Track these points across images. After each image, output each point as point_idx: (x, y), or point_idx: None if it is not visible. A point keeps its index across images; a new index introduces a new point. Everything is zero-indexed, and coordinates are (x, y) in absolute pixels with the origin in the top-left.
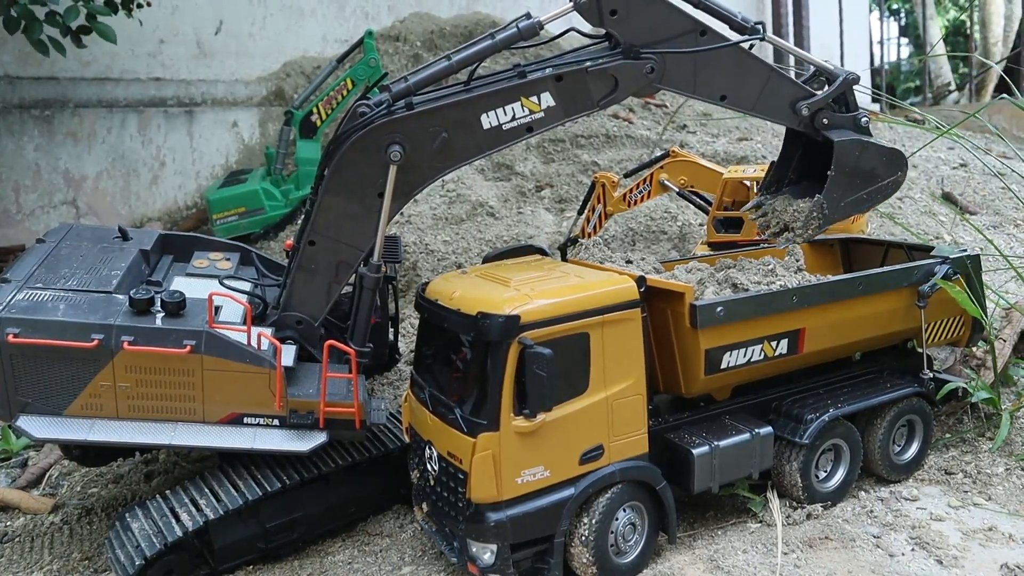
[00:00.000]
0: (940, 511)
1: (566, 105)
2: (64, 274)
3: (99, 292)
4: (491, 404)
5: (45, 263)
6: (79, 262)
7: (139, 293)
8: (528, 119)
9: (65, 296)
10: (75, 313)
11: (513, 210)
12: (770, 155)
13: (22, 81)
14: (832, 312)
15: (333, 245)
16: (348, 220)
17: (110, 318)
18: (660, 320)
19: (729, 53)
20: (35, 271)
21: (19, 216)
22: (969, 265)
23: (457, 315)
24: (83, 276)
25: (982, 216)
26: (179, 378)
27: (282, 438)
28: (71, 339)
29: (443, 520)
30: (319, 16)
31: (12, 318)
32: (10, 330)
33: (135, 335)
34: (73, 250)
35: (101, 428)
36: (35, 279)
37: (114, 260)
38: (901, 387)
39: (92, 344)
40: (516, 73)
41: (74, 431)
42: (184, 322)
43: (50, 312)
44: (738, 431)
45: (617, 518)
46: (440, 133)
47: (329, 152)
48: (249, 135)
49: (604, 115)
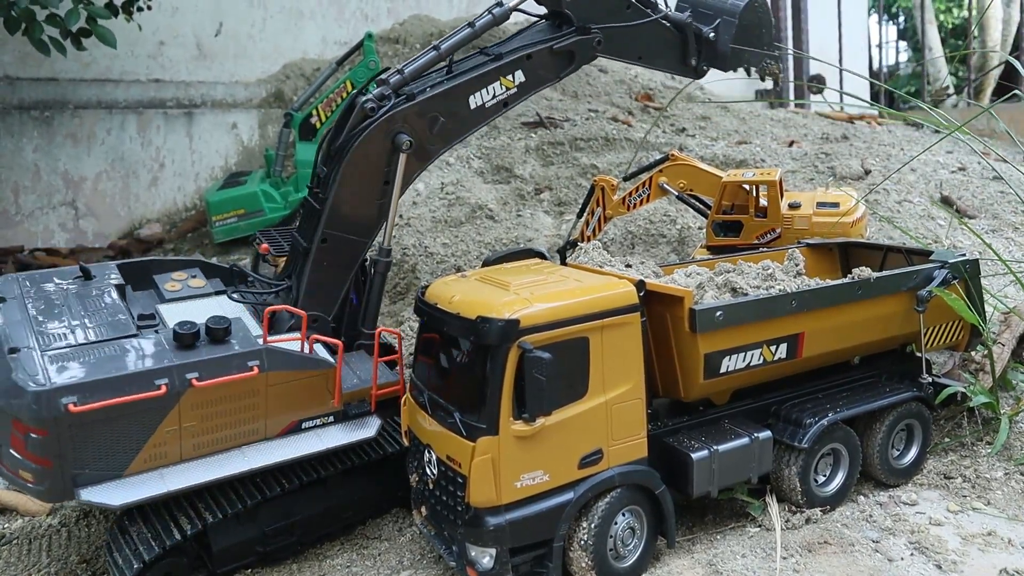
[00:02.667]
0: (939, 516)
1: (534, 80)
2: (65, 329)
3: (126, 337)
4: (490, 408)
5: (32, 322)
6: (67, 313)
7: (183, 327)
8: (505, 95)
9: (96, 350)
10: (127, 364)
11: (512, 213)
12: (769, 159)
13: (22, 82)
14: (831, 316)
15: (346, 239)
16: (359, 212)
17: (165, 359)
18: (659, 324)
19: (649, 24)
20: (31, 332)
21: (18, 217)
22: (967, 269)
23: (456, 319)
24: (89, 326)
25: (980, 220)
26: (244, 401)
27: (344, 432)
28: (138, 391)
29: (442, 524)
30: (319, 18)
31: (67, 385)
32: (68, 399)
33: (199, 370)
34: (47, 302)
35: (174, 476)
36: (45, 340)
37: (101, 302)
38: (900, 391)
39: (161, 391)
40: (492, 57)
41: (150, 487)
42: (238, 344)
43: (99, 370)
44: (737, 435)
45: (616, 522)
46: (439, 118)
47: (337, 150)
48: (248, 137)
49: (603, 118)
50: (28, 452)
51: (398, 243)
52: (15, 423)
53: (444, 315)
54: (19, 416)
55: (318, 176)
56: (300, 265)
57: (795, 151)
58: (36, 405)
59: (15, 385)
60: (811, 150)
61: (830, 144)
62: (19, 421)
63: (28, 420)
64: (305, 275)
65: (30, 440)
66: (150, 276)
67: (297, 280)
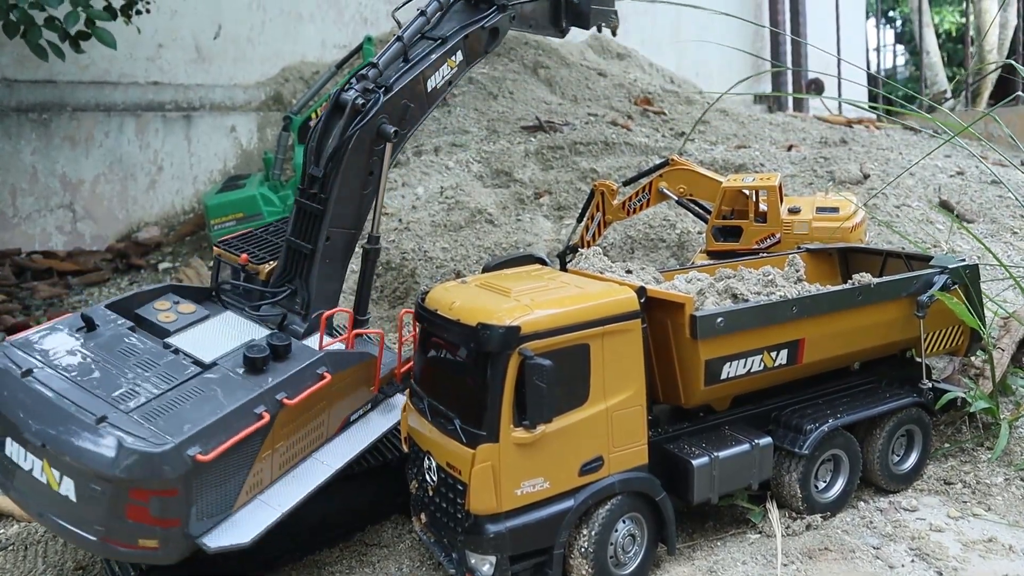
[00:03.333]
0: (940, 522)
1: (470, 58)
2: (126, 383)
3: (194, 376)
4: (491, 415)
5: (81, 386)
6: (111, 368)
7: (253, 352)
8: (450, 75)
9: (178, 396)
10: (222, 401)
11: (512, 217)
12: (768, 163)
13: (20, 84)
14: (831, 322)
15: (344, 233)
16: (354, 205)
17: (252, 387)
18: (660, 331)
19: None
20: (90, 396)
21: (15, 220)
22: (967, 275)
23: (457, 325)
24: (147, 375)
25: (979, 224)
26: (315, 408)
27: (383, 414)
28: (247, 425)
29: (441, 531)
30: (318, 21)
31: (189, 436)
32: (193, 450)
33: (286, 389)
34: (78, 365)
35: (275, 498)
36: (117, 400)
37: (132, 348)
38: (900, 397)
39: (264, 419)
40: (438, 41)
41: (264, 514)
42: (300, 357)
43: (202, 414)
44: (737, 442)
45: (616, 529)
46: (408, 105)
47: (335, 150)
48: (247, 140)
49: (603, 122)
50: (154, 517)
51: (397, 247)
52: (134, 492)
53: (444, 321)
54: (142, 483)
55: (311, 177)
56: (305, 267)
57: (794, 155)
58: (166, 465)
59: (131, 452)
60: (810, 154)
61: (829, 148)
62: (140, 488)
63: (155, 484)
64: (313, 276)
65: (156, 504)
66: (133, 312)
67: (304, 282)
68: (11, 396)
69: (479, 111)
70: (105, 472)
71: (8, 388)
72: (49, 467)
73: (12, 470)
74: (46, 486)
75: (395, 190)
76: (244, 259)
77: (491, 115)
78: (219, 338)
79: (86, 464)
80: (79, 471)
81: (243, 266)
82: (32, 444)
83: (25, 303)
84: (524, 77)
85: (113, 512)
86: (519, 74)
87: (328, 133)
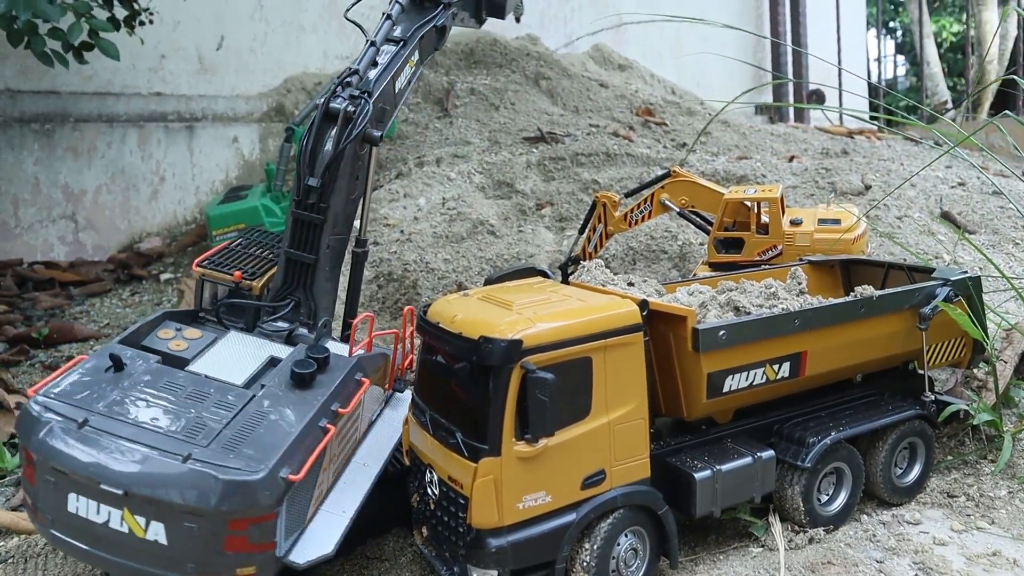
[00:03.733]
0: (943, 535)
1: (423, 57)
2: (189, 417)
3: (251, 400)
4: (493, 429)
5: (146, 428)
6: (154, 407)
7: (301, 367)
8: (410, 75)
9: (244, 422)
10: (288, 420)
11: (514, 228)
12: (770, 174)
13: (23, 95)
14: (834, 335)
15: (339, 239)
16: (348, 211)
17: (309, 402)
18: (662, 343)
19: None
20: (163, 437)
21: (17, 230)
22: (970, 286)
23: (459, 338)
24: (208, 406)
25: (980, 235)
26: (354, 414)
27: (394, 410)
28: (318, 440)
29: (443, 545)
30: (320, 32)
31: (279, 459)
32: (284, 472)
33: (339, 400)
34: (120, 408)
35: (337, 506)
36: (191, 435)
37: (173, 381)
38: (903, 409)
39: (331, 431)
40: (399, 43)
41: (335, 522)
42: (338, 366)
43: (275, 436)
44: (740, 455)
45: (619, 543)
46: (384, 108)
47: (332, 160)
48: (249, 151)
49: (604, 133)
50: (252, 544)
51: (399, 259)
52: (234, 523)
53: (446, 334)
54: (243, 512)
55: (308, 188)
56: (308, 277)
57: (795, 166)
58: (265, 490)
59: (229, 484)
60: (811, 165)
61: (830, 159)
62: (240, 518)
63: (255, 511)
64: (317, 285)
65: (254, 531)
66: (140, 344)
67: (308, 292)
68: (73, 450)
69: (481, 122)
70: (204, 508)
71: (65, 442)
72: (131, 515)
73: (79, 526)
74: (128, 535)
75: (397, 201)
76: (238, 276)
77: (493, 126)
78: (238, 359)
79: (181, 503)
80: (171, 512)
81: (237, 284)
82: (109, 495)
83: (27, 313)
84: (526, 88)
85: (210, 547)
86: (521, 85)
87: (321, 142)
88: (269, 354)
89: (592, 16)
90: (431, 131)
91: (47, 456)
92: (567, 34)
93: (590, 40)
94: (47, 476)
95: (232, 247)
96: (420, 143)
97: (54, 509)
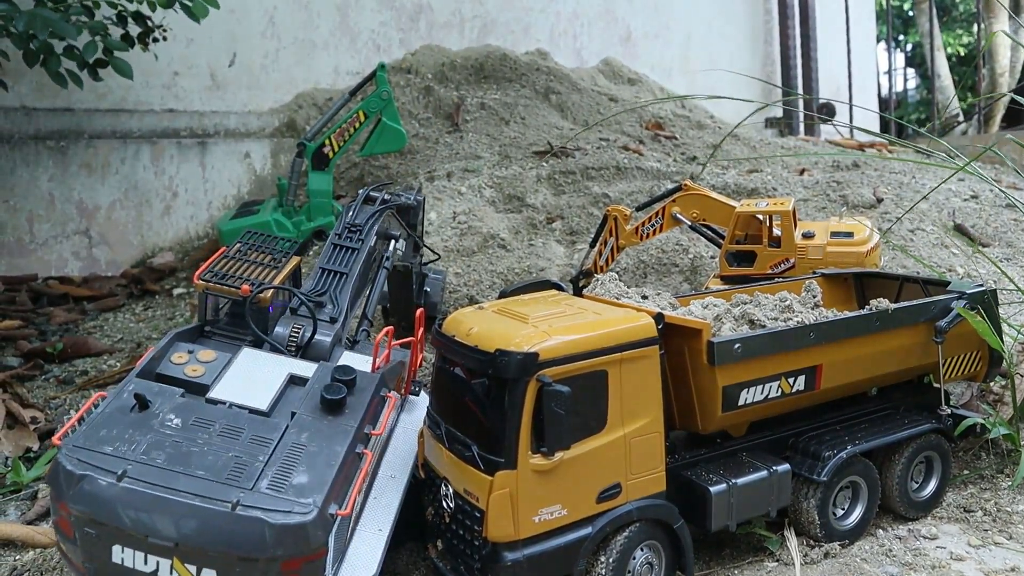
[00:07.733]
0: (960, 550)
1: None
2: (226, 458)
3: (286, 432)
4: (509, 442)
5: (182, 477)
6: (188, 449)
7: (331, 393)
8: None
9: (284, 458)
10: (327, 451)
11: (524, 242)
12: (781, 187)
13: (38, 112)
14: (849, 348)
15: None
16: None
17: (343, 428)
18: (677, 357)
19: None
20: (198, 480)
21: (32, 246)
22: (986, 300)
23: (474, 352)
24: (243, 442)
25: (994, 248)
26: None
27: (409, 414)
28: (357, 467)
29: (458, 559)
30: (331, 49)
31: (326, 496)
32: (332, 508)
33: (371, 422)
34: (155, 453)
35: (373, 523)
36: (230, 478)
37: (199, 419)
38: (919, 423)
39: (369, 456)
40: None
41: (375, 540)
42: (364, 385)
43: (318, 470)
44: (755, 468)
45: (634, 557)
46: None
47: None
48: (261, 166)
49: (614, 147)
50: None
51: None
52: (286, 565)
53: (462, 348)
54: (296, 554)
55: (353, 226)
56: (340, 283)
57: (806, 179)
58: (318, 530)
59: (282, 528)
60: (822, 178)
61: (841, 172)
62: (293, 559)
63: (308, 551)
64: (345, 291)
65: (306, 569)
66: (156, 373)
67: (336, 294)
68: (115, 502)
69: (491, 136)
70: (258, 554)
71: (106, 496)
72: (181, 564)
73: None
74: None
75: None
76: (246, 290)
77: (503, 140)
78: (257, 381)
79: (234, 551)
80: (224, 560)
81: (246, 298)
82: (158, 546)
83: (41, 328)
84: (535, 103)
85: None
86: (531, 99)
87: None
88: (288, 372)
89: (601, 31)
90: (441, 146)
91: (87, 510)
92: (576, 49)
93: (599, 54)
94: (87, 529)
95: (230, 254)
96: (431, 157)
97: (96, 560)
